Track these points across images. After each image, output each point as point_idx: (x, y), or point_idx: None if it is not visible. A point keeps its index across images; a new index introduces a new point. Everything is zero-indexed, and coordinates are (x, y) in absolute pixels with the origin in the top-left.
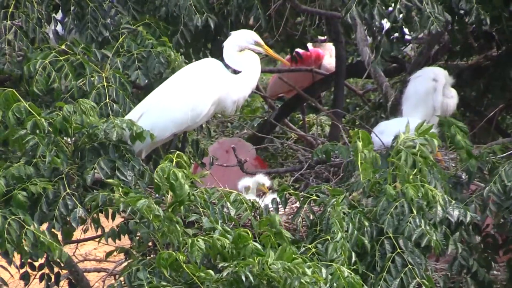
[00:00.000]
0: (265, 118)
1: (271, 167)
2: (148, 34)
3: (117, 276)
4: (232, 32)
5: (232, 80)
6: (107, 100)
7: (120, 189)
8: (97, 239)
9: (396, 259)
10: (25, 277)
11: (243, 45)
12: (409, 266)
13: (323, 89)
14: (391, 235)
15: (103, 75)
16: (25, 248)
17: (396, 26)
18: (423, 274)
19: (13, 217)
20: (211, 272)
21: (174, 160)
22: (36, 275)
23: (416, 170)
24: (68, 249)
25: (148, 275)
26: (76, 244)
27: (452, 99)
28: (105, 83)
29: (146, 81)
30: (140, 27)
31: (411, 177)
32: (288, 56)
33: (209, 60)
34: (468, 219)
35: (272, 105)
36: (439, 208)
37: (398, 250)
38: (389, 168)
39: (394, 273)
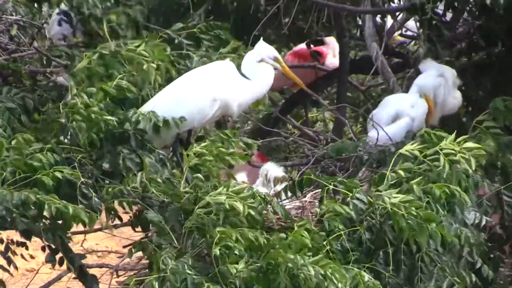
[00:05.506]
0: (270, 113)
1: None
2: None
3: (119, 272)
4: (256, 45)
5: (242, 84)
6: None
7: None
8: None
9: (424, 258)
10: (51, 259)
11: (264, 58)
12: (438, 265)
13: (327, 85)
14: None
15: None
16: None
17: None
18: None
19: (40, 195)
20: (236, 266)
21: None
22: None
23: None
24: (71, 244)
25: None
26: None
27: (455, 100)
28: None
29: None
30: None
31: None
32: (291, 51)
33: (223, 62)
34: (483, 223)
35: (273, 101)
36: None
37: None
38: (415, 164)
39: (428, 273)
